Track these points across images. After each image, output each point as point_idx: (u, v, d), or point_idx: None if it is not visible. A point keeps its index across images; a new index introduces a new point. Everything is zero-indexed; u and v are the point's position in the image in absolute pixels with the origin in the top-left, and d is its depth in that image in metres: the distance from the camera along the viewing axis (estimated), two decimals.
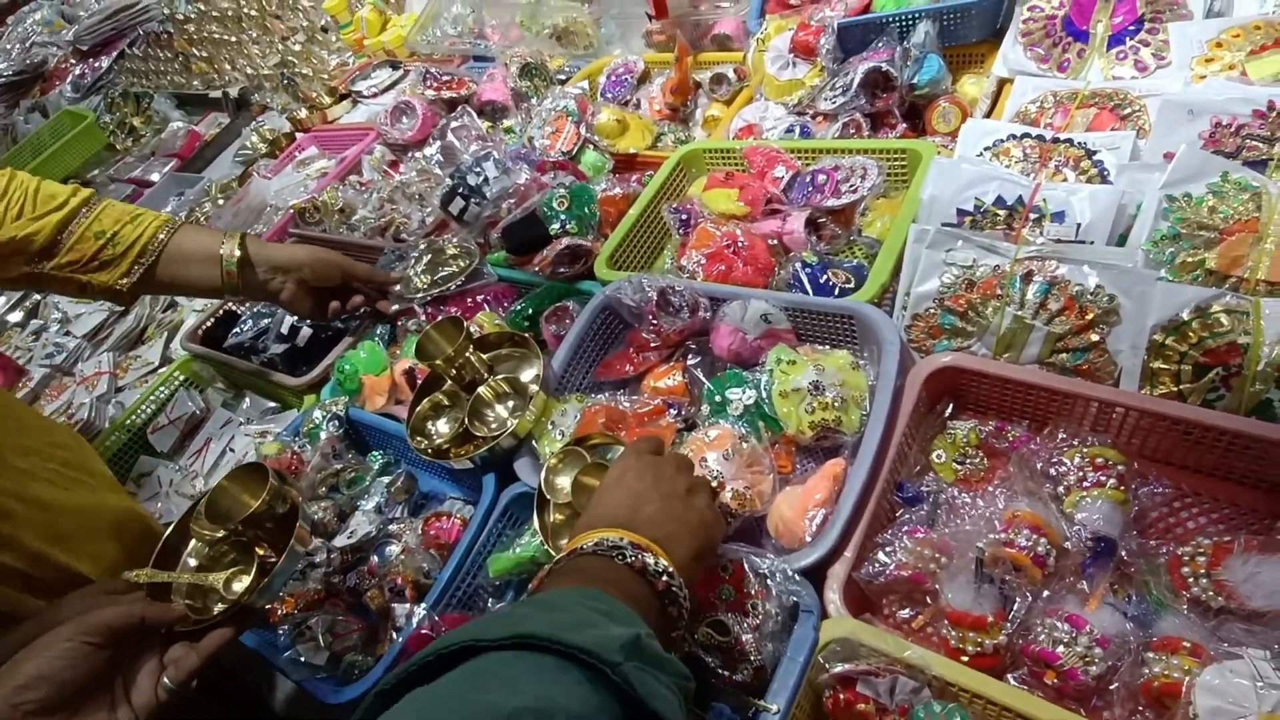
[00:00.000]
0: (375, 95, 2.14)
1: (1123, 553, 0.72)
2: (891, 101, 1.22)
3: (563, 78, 1.77)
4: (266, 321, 1.46)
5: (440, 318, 1.14)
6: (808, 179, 1.15)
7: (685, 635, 0.76)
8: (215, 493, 0.81)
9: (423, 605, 0.88)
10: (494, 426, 1.01)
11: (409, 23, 2.25)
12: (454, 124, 1.50)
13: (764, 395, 0.91)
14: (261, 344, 1.44)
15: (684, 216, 1.18)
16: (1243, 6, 1.08)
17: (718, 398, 0.95)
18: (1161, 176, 0.85)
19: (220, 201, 2.06)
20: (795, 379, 0.89)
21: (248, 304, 1.56)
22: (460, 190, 1.32)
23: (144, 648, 0.71)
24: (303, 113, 2.16)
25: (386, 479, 1.12)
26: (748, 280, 1.06)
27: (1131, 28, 1.10)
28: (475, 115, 1.55)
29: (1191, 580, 0.68)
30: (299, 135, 2.15)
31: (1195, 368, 0.76)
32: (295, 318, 1.42)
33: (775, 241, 1.10)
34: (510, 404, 1.03)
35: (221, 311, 1.56)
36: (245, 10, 2.73)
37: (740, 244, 1.09)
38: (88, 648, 0.65)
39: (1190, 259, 0.82)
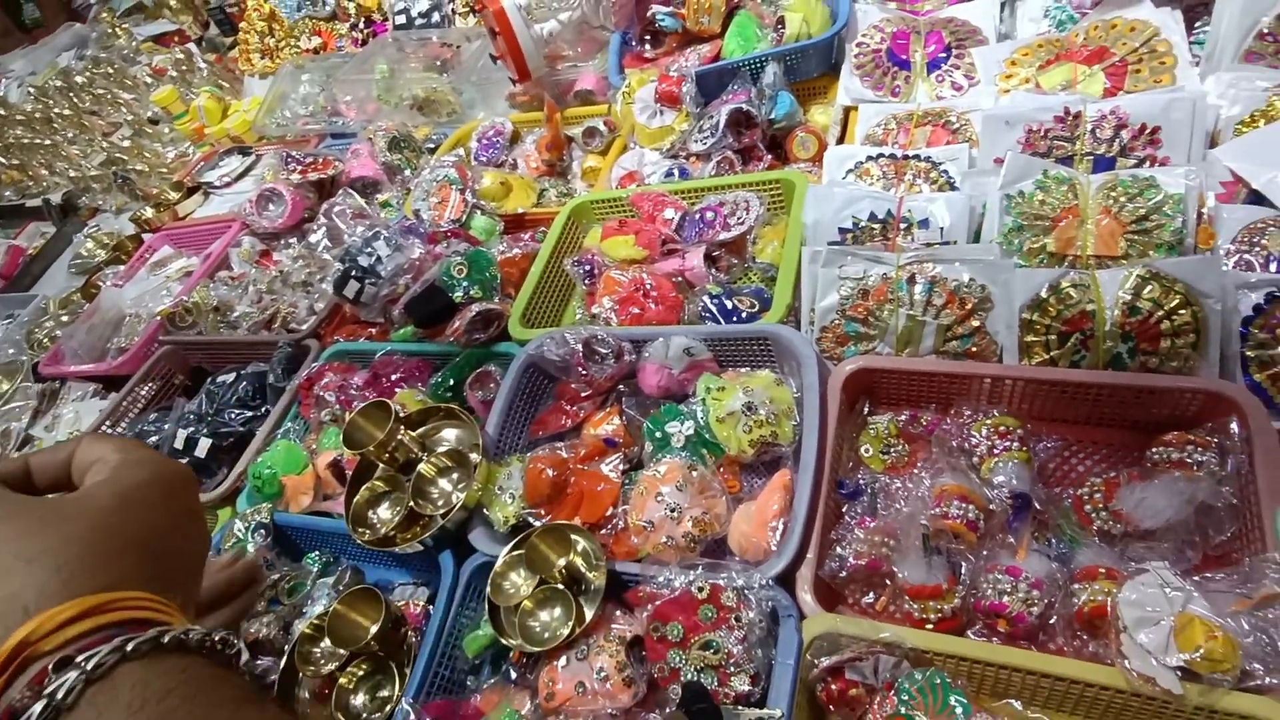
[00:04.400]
0: (229, 185, 2.05)
1: (1035, 504, 0.83)
2: (756, 137, 1.34)
3: (431, 146, 1.78)
4: (155, 439, 1.36)
5: (360, 404, 1.11)
6: (697, 217, 1.23)
7: (681, 665, 0.79)
8: (332, 619, 0.91)
9: (405, 700, 0.85)
10: (441, 503, 1.00)
11: (253, 107, 2.18)
12: (335, 207, 1.47)
13: (702, 424, 0.96)
14: None
15: (587, 267, 1.23)
16: (1024, 29, 1.29)
17: (658, 434, 0.99)
18: (997, 180, 0.99)
19: (65, 319, 1.88)
20: (728, 403, 0.95)
21: (136, 418, 1.44)
22: (353, 273, 1.30)
23: None
24: (149, 211, 2.02)
25: (329, 579, 1.07)
26: (661, 319, 1.12)
27: (943, 55, 1.28)
28: (355, 194, 1.53)
29: (1094, 515, 0.80)
30: (146, 236, 2.01)
31: (1059, 336, 0.89)
32: (189, 429, 1.33)
33: (679, 279, 1.17)
34: (454, 476, 1.03)
35: (107, 424, 1.43)
36: (55, 110, 2.54)
37: (648, 286, 1.15)
38: None
39: (1034, 245, 0.96)
